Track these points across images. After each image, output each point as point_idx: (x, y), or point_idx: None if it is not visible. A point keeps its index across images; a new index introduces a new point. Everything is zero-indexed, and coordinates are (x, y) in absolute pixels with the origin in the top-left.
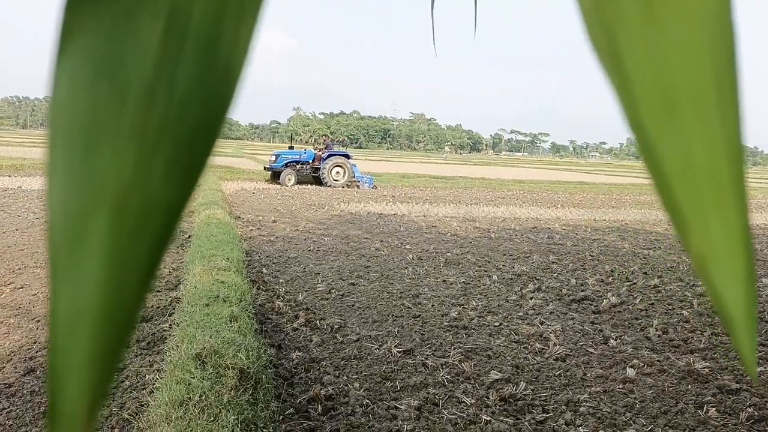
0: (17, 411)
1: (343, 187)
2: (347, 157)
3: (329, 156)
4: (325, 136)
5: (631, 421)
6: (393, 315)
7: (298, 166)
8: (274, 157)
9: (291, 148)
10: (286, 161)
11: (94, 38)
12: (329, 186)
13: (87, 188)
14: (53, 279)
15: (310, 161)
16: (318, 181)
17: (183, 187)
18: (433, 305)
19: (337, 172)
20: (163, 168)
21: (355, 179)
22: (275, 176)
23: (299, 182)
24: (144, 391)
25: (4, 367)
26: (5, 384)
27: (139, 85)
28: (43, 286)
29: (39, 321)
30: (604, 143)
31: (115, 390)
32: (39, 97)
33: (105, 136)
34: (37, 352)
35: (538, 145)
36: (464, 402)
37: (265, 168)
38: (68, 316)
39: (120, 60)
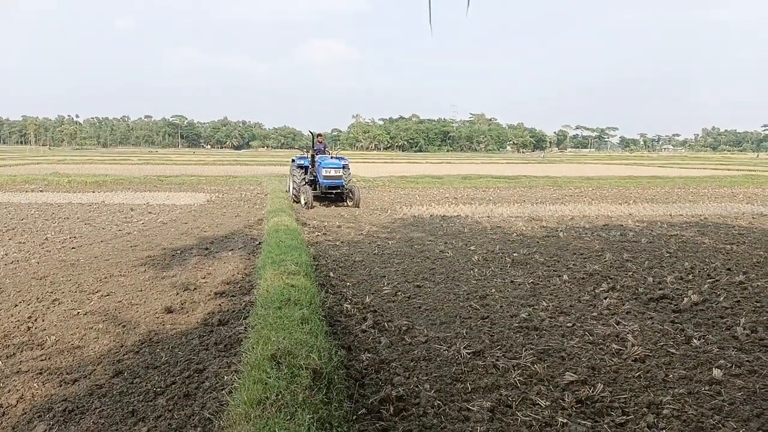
0: (108, 410)
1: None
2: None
3: (344, 166)
4: (320, 135)
5: (720, 425)
6: (461, 316)
7: None
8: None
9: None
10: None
11: None
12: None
13: None
14: None
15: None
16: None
17: None
18: (501, 306)
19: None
20: None
21: None
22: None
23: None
24: (223, 391)
25: (95, 369)
26: (96, 385)
27: None
28: (127, 294)
29: (125, 326)
30: (677, 135)
31: (196, 391)
32: (117, 117)
33: None
34: (124, 355)
35: (605, 140)
36: (539, 404)
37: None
38: None
39: None
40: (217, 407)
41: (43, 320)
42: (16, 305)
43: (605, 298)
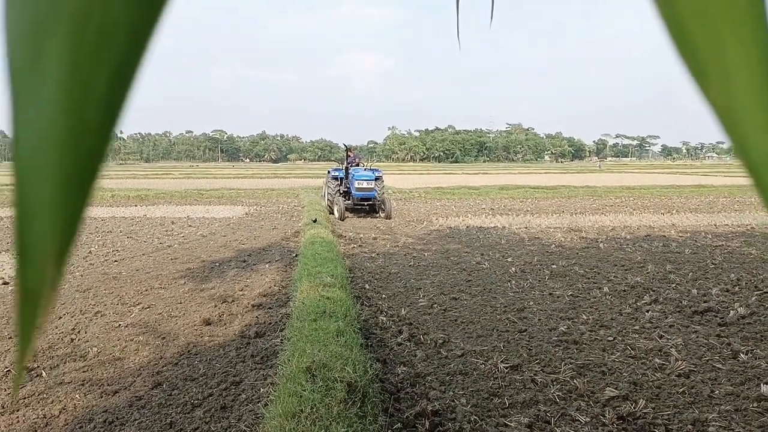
0: (147, 422)
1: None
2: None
3: (377, 178)
4: (348, 150)
5: None
6: (498, 330)
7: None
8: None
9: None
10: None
11: None
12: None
13: (43, 6)
14: (13, 101)
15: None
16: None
17: (146, 11)
18: (539, 319)
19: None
20: None
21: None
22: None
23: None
24: (259, 404)
25: (135, 381)
26: (136, 397)
27: None
28: (167, 306)
29: (164, 338)
30: (722, 143)
31: (232, 403)
32: (159, 133)
33: None
34: (163, 367)
35: (646, 148)
36: (578, 420)
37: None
38: (31, 140)
39: None
40: (253, 420)
41: (85, 332)
42: (60, 317)
43: (647, 311)
